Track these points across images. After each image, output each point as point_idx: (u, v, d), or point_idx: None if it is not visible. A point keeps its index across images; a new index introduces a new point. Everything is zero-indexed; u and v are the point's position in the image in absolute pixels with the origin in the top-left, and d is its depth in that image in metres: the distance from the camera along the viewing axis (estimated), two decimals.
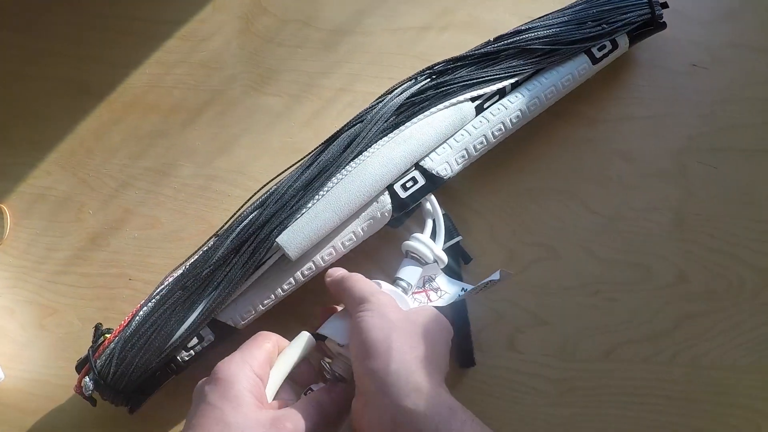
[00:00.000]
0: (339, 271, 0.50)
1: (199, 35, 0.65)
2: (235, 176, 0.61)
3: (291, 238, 0.50)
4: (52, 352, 0.58)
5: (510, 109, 0.55)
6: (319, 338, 0.48)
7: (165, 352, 0.49)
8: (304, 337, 0.47)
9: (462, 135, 0.54)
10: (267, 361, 0.45)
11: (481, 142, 0.54)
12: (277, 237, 0.50)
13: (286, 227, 0.50)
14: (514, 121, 0.55)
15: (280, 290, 0.52)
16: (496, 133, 0.54)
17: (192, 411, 0.42)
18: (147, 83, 0.64)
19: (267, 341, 0.46)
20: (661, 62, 0.61)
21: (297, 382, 0.47)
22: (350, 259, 0.55)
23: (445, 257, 0.52)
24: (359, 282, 0.48)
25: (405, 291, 0.50)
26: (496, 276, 0.46)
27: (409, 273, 0.51)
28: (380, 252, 0.57)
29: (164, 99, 0.63)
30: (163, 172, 0.61)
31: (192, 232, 0.59)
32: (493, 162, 0.59)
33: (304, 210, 0.51)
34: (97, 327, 0.52)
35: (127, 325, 0.50)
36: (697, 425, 0.54)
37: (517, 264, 0.57)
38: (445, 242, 0.53)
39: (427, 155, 0.53)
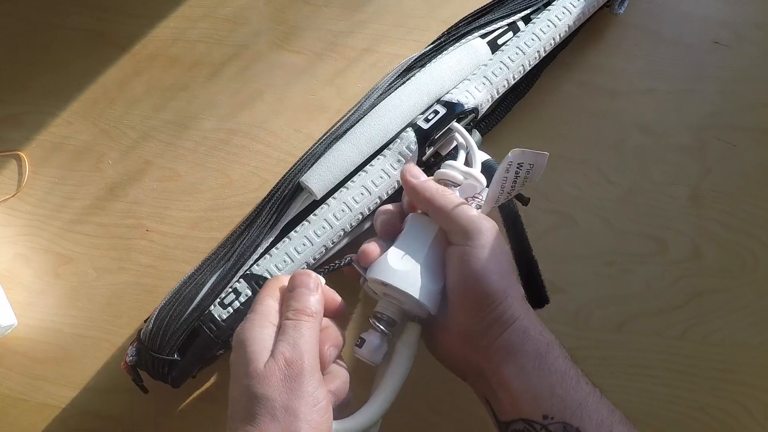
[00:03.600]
0: (426, 183, 0.43)
1: None
2: (256, 131, 0.58)
3: (312, 175, 0.48)
4: (66, 300, 0.55)
5: (522, 36, 0.53)
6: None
7: (197, 302, 0.46)
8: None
9: (479, 68, 0.52)
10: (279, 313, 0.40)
11: (500, 68, 0.52)
12: (300, 178, 0.48)
13: (309, 169, 0.49)
14: (529, 43, 0.53)
15: (314, 235, 0.48)
16: (514, 57, 0.52)
17: (240, 396, 0.36)
18: (171, 36, 0.61)
19: (269, 295, 0.40)
20: (684, 38, 0.60)
21: None
22: None
23: (479, 175, 0.46)
24: (462, 208, 0.41)
25: None
26: (510, 156, 0.40)
27: None
28: None
29: (188, 52, 0.61)
30: (184, 124, 0.59)
31: (211, 185, 0.57)
32: (512, 128, 0.57)
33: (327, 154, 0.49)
34: None
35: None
36: (706, 401, 0.52)
37: (535, 230, 0.55)
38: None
39: (447, 93, 0.52)
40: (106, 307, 0.55)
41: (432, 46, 0.54)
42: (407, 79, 0.52)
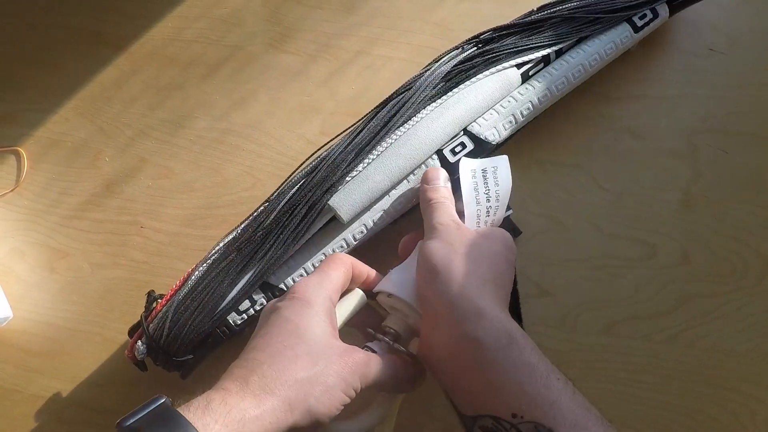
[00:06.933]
0: (435, 192, 0.47)
1: None
2: (249, 131, 0.58)
3: (343, 200, 0.47)
4: (61, 295, 0.55)
5: (555, 75, 0.52)
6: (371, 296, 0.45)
7: (218, 314, 0.46)
8: (357, 294, 0.45)
9: (509, 101, 0.52)
10: (341, 288, 0.43)
11: (528, 108, 0.52)
12: (329, 200, 0.47)
13: (337, 190, 0.48)
14: (559, 87, 0.52)
15: (331, 252, 0.49)
16: (542, 99, 0.52)
17: (262, 323, 0.40)
18: (167, 36, 0.61)
19: (342, 265, 0.43)
20: (678, 44, 0.58)
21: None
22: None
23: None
24: (441, 209, 0.45)
25: None
26: (461, 168, 0.45)
27: None
28: None
29: (183, 52, 0.61)
30: (179, 123, 0.59)
31: (205, 183, 0.57)
32: None
33: (355, 173, 0.48)
34: (150, 293, 0.48)
35: (179, 289, 0.47)
36: (693, 407, 0.51)
37: (524, 234, 0.54)
38: None
39: (474, 121, 0.51)
40: (99, 301, 0.55)
41: (466, 55, 0.52)
42: (443, 98, 0.51)
